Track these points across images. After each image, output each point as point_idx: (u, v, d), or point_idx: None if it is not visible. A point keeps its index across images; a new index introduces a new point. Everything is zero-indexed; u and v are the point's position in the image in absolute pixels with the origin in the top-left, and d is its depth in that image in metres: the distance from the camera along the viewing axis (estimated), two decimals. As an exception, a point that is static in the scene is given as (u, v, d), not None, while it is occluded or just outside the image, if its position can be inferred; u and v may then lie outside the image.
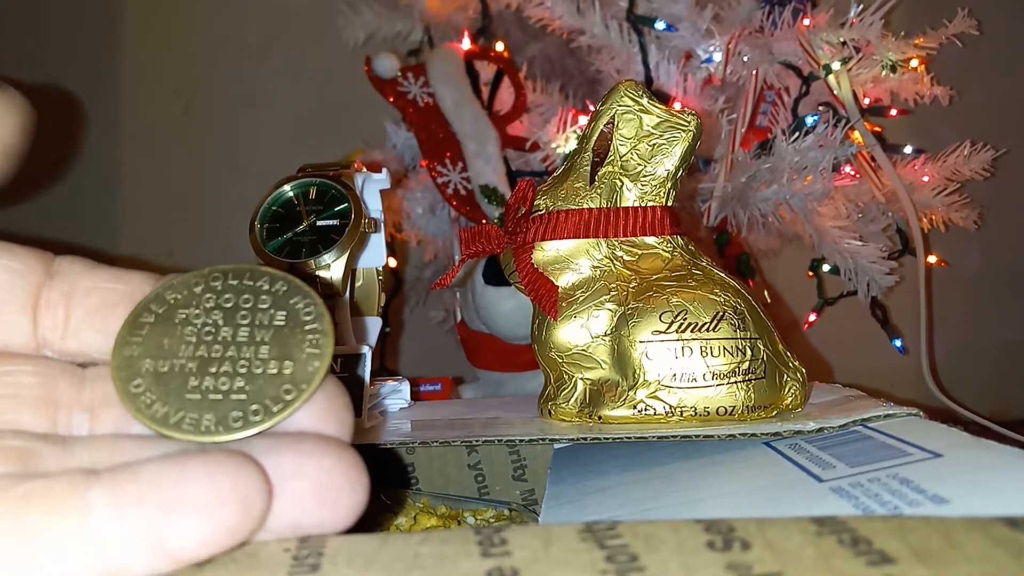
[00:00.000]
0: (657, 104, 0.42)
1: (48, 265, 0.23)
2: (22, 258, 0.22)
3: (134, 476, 0.18)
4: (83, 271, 0.23)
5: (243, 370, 0.21)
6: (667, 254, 0.41)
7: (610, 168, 0.42)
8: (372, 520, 0.36)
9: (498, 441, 0.38)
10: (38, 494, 0.17)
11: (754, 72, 0.82)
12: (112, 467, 0.18)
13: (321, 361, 0.21)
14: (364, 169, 0.50)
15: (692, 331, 0.38)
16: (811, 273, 0.94)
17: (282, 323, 0.22)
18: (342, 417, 0.21)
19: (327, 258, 0.44)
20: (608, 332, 0.40)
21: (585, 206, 0.42)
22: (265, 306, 0.22)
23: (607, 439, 0.37)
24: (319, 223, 0.45)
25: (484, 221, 0.81)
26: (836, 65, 0.81)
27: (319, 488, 0.19)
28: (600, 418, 0.39)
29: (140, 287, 0.23)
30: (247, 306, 0.22)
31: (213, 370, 0.21)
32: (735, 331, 0.38)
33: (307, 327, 0.22)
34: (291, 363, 0.21)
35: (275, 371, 0.21)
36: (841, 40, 0.81)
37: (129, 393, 0.21)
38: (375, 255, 0.51)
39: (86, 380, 0.22)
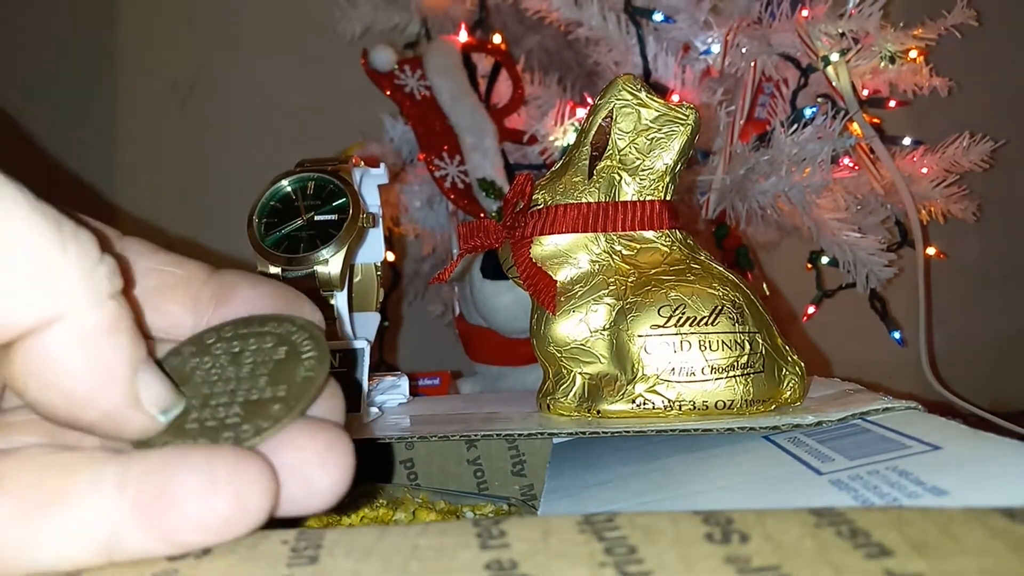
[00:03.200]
0: (655, 98, 0.42)
1: (116, 241, 0.24)
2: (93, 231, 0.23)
3: (143, 459, 0.19)
4: (146, 252, 0.24)
5: (240, 399, 0.22)
6: (666, 248, 0.41)
7: (608, 162, 0.42)
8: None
9: (497, 435, 0.38)
10: (59, 464, 0.19)
11: (752, 64, 0.82)
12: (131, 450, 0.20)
13: (313, 382, 0.22)
14: (362, 164, 0.50)
15: (691, 325, 0.38)
16: (810, 265, 0.94)
17: (282, 356, 0.23)
18: (335, 408, 0.23)
19: (325, 253, 0.44)
20: (607, 326, 0.40)
21: (583, 200, 0.41)
22: (269, 345, 0.23)
23: (606, 433, 0.37)
24: (317, 218, 0.45)
25: (482, 215, 0.81)
26: (835, 56, 0.81)
27: (320, 458, 0.20)
28: (599, 412, 0.39)
29: (196, 274, 0.24)
30: (252, 348, 0.23)
31: (213, 403, 0.22)
32: (734, 325, 0.38)
33: (304, 356, 0.23)
34: (285, 386, 0.22)
35: (269, 395, 0.22)
36: (840, 31, 0.81)
37: None
38: (373, 250, 0.51)
39: None
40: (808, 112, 0.82)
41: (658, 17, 0.82)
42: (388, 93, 0.86)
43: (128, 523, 0.18)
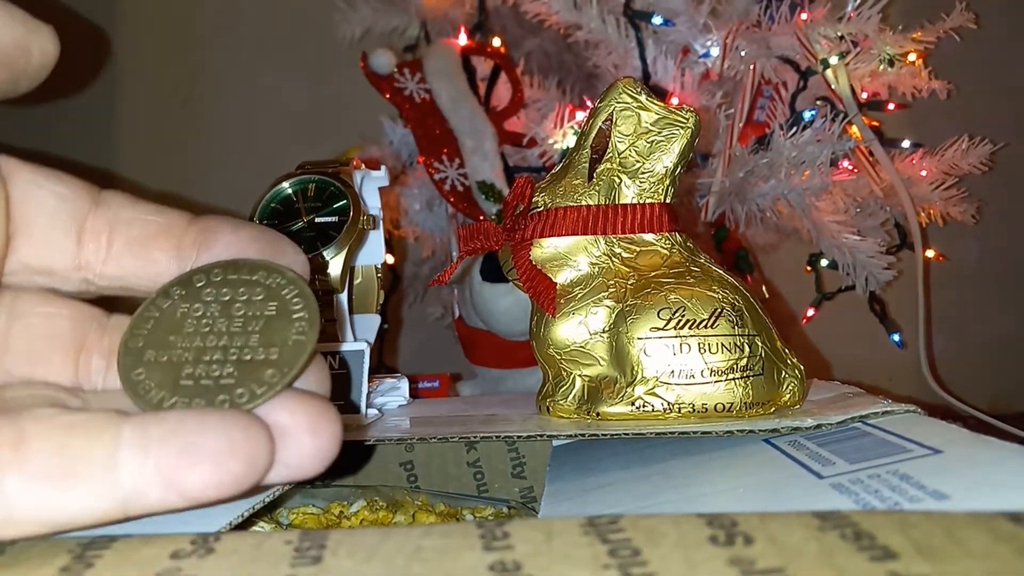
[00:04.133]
0: (655, 101, 0.42)
1: (95, 195, 0.25)
2: (71, 186, 0.24)
3: (160, 421, 0.20)
4: (126, 203, 0.25)
5: (233, 357, 0.22)
6: (665, 251, 0.41)
7: (608, 165, 0.42)
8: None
9: (496, 437, 0.38)
10: (80, 424, 0.19)
11: (752, 67, 0.82)
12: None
13: (304, 347, 0.22)
14: (363, 166, 0.50)
15: (690, 328, 0.38)
16: (809, 268, 0.94)
17: (273, 312, 0.23)
18: (322, 382, 0.23)
19: (326, 255, 0.44)
20: (606, 329, 0.40)
21: (583, 203, 0.42)
22: (259, 298, 0.23)
23: (605, 436, 0.37)
24: (318, 220, 0.45)
25: (482, 217, 0.81)
26: (834, 59, 0.81)
27: (311, 423, 0.21)
28: (598, 415, 0.39)
29: (177, 221, 0.25)
30: (243, 299, 0.23)
31: (207, 359, 0.22)
32: (733, 328, 0.38)
33: (295, 315, 0.23)
34: (277, 349, 0.22)
35: (262, 357, 0.22)
36: (839, 34, 0.81)
37: (130, 380, 0.22)
38: (374, 252, 0.51)
39: (107, 328, 0.25)
40: (807, 115, 0.82)
41: (657, 20, 0.82)
42: (388, 96, 0.86)
43: (149, 481, 0.19)
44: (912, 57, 0.86)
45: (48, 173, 0.24)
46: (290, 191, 0.46)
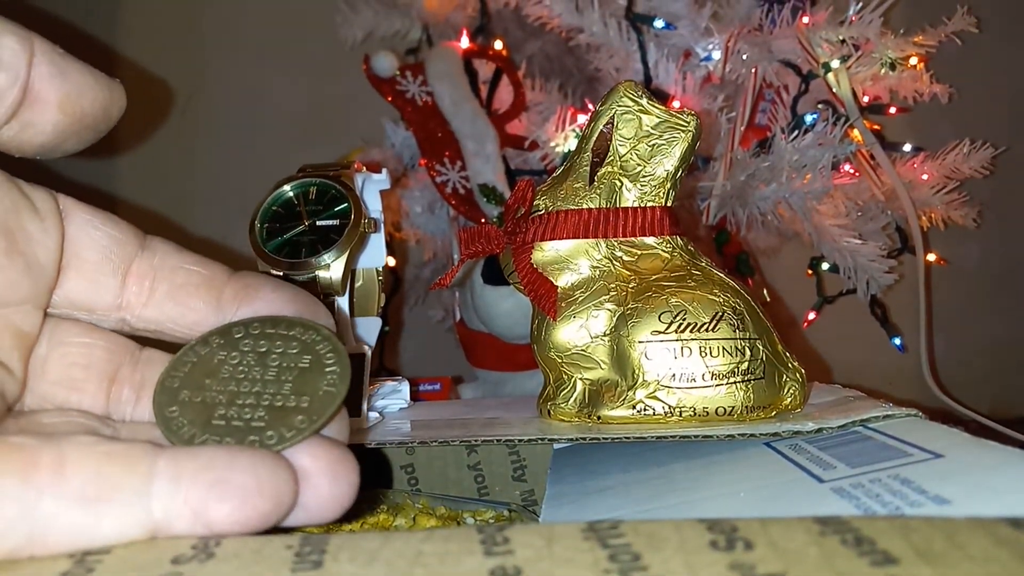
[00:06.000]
0: (657, 104, 0.42)
1: (142, 240, 0.26)
2: (123, 229, 0.25)
3: (193, 456, 0.20)
4: (172, 251, 0.26)
5: (265, 403, 0.23)
6: (666, 254, 0.41)
7: (609, 168, 0.42)
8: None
9: (497, 441, 0.38)
10: (118, 453, 0.20)
11: (753, 70, 0.82)
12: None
13: (334, 398, 0.23)
14: (364, 169, 0.50)
15: (691, 331, 0.38)
16: (810, 271, 0.94)
17: (306, 365, 0.24)
18: (342, 428, 0.24)
19: (327, 258, 0.44)
20: (607, 332, 0.40)
21: (584, 206, 0.42)
22: (294, 351, 0.24)
23: (606, 439, 0.37)
24: (319, 223, 0.45)
25: (483, 220, 0.81)
26: (835, 63, 0.81)
27: (331, 469, 0.22)
28: (599, 418, 0.39)
29: (219, 275, 0.26)
30: (279, 351, 0.24)
31: (240, 402, 0.23)
32: (734, 331, 0.38)
33: (327, 368, 0.24)
34: (308, 398, 0.23)
35: (293, 404, 0.23)
36: (840, 38, 0.82)
37: (164, 416, 0.23)
38: (375, 255, 0.51)
39: (140, 362, 0.26)
40: (809, 118, 0.83)
41: (659, 24, 0.82)
42: (390, 99, 0.87)
43: (179, 512, 0.20)
44: (913, 61, 0.86)
45: (104, 216, 0.25)
46: (291, 194, 0.46)
